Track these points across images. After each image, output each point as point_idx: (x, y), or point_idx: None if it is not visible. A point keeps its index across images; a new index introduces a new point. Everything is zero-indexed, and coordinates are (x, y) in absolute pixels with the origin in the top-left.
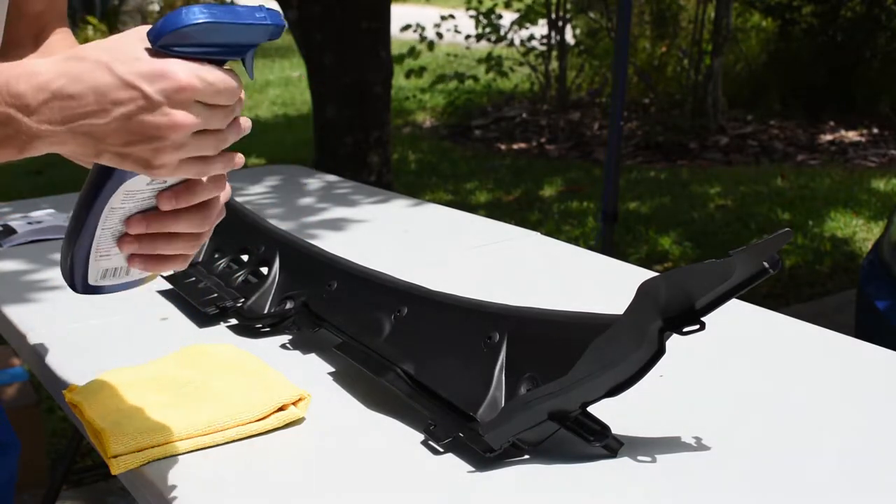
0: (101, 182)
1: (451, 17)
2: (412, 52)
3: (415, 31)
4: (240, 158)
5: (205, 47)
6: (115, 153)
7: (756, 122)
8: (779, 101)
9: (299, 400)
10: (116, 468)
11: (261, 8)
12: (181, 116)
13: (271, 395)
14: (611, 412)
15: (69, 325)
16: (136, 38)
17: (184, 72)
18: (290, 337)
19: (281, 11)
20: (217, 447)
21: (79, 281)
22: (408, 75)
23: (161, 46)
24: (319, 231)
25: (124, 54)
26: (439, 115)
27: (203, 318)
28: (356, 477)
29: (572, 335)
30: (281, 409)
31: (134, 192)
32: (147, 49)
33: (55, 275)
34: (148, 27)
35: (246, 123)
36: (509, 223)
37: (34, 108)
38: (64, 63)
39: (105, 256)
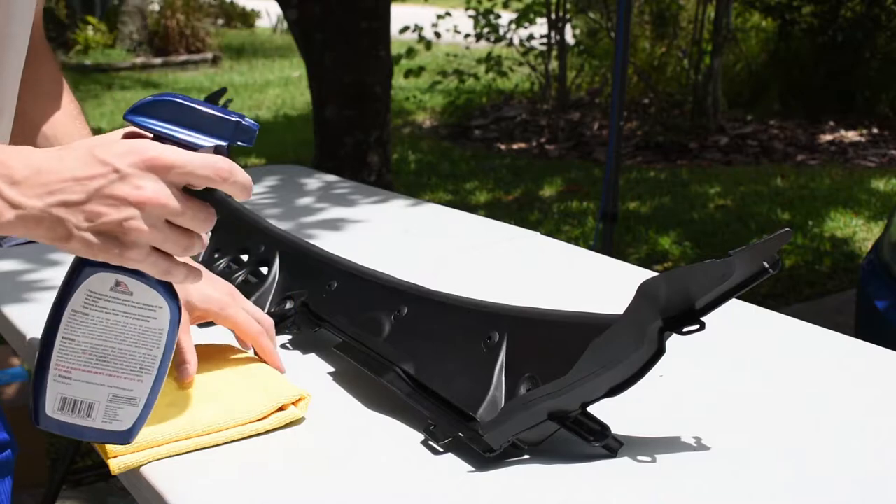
0: (67, 282)
1: (448, 14)
2: (409, 53)
3: (413, 31)
4: (198, 275)
5: (170, 124)
6: (84, 237)
7: (756, 122)
8: (779, 101)
9: (299, 400)
10: (116, 468)
11: (236, 113)
12: (152, 188)
13: (271, 396)
14: (611, 412)
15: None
16: (121, 132)
17: (155, 147)
18: (290, 337)
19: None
20: (217, 447)
21: (36, 405)
22: (407, 75)
23: (130, 115)
24: (319, 231)
25: (106, 140)
26: (439, 115)
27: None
28: (356, 477)
29: (572, 335)
30: (281, 409)
31: (97, 297)
32: (126, 136)
33: (55, 275)
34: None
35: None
36: (509, 223)
37: (18, 180)
38: (57, 149)
39: (65, 379)
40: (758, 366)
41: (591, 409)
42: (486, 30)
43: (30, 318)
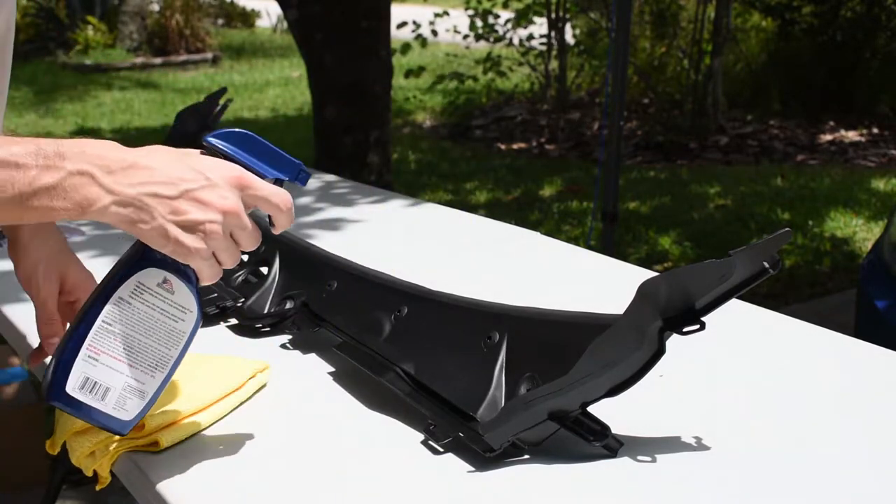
0: (120, 272)
1: (446, 13)
2: (405, 49)
3: (413, 30)
4: None
5: (240, 150)
6: (164, 226)
7: (756, 122)
8: (779, 101)
9: (263, 370)
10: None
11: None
12: (234, 200)
13: (241, 369)
14: (611, 412)
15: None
16: (196, 151)
17: (240, 168)
18: (290, 337)
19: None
20: (216, 445)
21: (57, 379)
22: (407, 75)
23: (210, 138)
24: (319, 231)
25: (190, 153)
26: (439, 115)
27: (203, 318)
28: (356, 477)
29: (572, 335)
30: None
31: (143, 289)
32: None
33: None
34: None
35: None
36: (509, 223)
37: (115, 170)
38: (144, 149)
39: (93, 360)
40: (758, 366)
41: (591, 409)
42: (483, 30)
43: (30, 318)
